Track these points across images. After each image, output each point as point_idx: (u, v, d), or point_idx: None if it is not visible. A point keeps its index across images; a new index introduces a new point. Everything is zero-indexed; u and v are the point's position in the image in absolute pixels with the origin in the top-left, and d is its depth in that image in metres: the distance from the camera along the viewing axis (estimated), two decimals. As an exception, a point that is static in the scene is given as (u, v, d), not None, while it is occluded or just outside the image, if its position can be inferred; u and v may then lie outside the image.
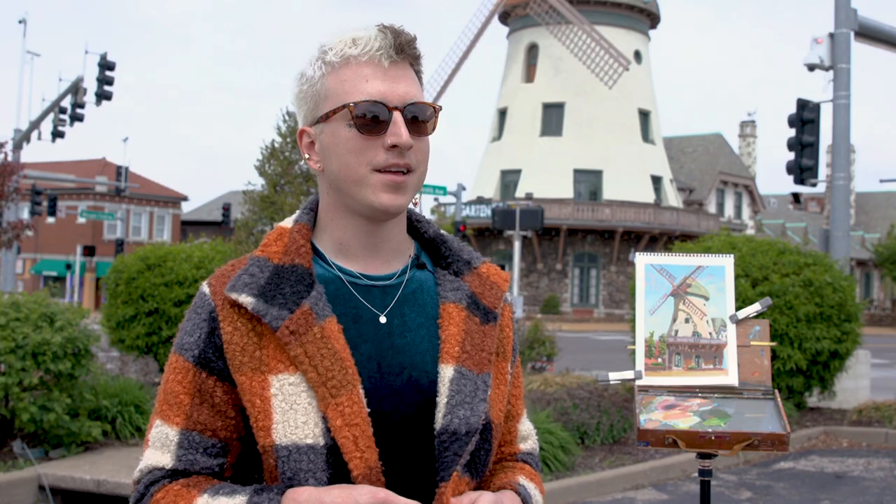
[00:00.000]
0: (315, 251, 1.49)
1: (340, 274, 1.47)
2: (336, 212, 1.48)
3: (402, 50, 1.44)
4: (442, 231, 1.60)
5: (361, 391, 1.37)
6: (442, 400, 1.42)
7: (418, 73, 1.49)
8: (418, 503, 1.32)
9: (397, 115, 1.41)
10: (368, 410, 1.37)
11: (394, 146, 1.41)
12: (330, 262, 1.48)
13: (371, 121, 1.41)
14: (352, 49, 1.42)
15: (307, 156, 1.50)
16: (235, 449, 1.44)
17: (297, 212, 1.53)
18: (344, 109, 1.41)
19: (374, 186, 1.42)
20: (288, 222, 1.51)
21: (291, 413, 1.36)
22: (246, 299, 1.40)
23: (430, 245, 1.58)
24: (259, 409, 1.37)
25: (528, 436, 1.67)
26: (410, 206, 1.52)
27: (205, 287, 1.46)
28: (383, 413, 1.39)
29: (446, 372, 1.44)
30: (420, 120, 1.44)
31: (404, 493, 1.37)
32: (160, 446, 1.41)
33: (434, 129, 1.47)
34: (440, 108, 1.47)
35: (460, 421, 1.41)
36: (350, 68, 1.43)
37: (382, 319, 1.46)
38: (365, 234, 1.48)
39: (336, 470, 1.35)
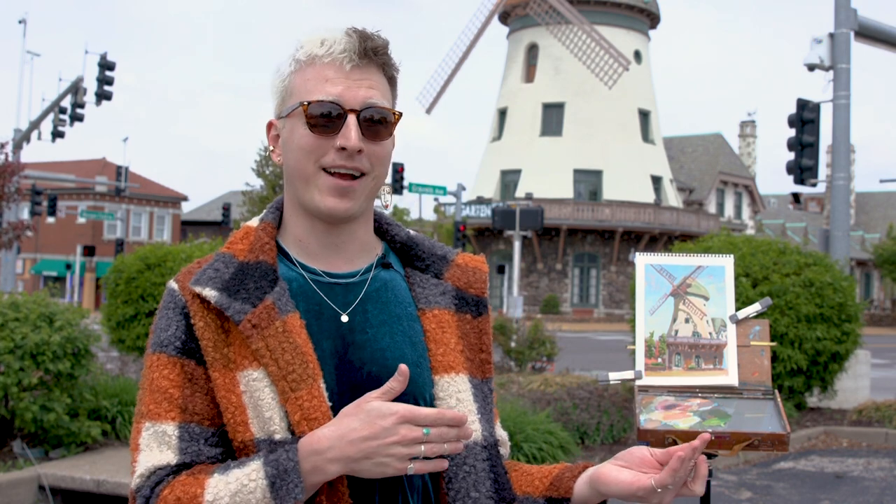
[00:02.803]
0: (280, 250, 1.51)
1: (303, 272, 1.48)
2: (294, 209, 1.50)
3: (367, 54, 1.44)
4: (411, 232, 1.61)
5: (322, 385, 1.37)
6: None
7: (391, 79, 1.49)
8: (445, 411, 1.31)
9: (351, 118, 1.42)
10: (330, 405, 1.37)
11: (342, 148, 1.41)
12: (294, 260, 1.50)
13: (324, 121, 1.42)
14: (318, 49, 1.44)
15: (272, 148, 1.52)
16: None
17: (265, 210, 1.55)
18: (301, 107, 1.43)
19: (320, 187, 1.43)
20: (254, 221, 1.53)
21: (258, 409, 1.36)
22: (210, 293, 1.40)
23: (402, 250, 1.59)
24: (234, 405, 1.37)
25: (504, 442, 1.67)
26: (380, 208, 1.54)
27: (173, 283, 1.46)
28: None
29: (456, 382, 1.48)
30: (377, 124, 1.44)
31: (368, 491, 1.39)
32: (157, 446, 1.38)
33: (391, 135, 1.46)
34: (400, 114, 1.47)
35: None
36: (314, 68, 1.44)
37: (344, 318, 1.46)
38: (322, 233, 1.49)
39: None
